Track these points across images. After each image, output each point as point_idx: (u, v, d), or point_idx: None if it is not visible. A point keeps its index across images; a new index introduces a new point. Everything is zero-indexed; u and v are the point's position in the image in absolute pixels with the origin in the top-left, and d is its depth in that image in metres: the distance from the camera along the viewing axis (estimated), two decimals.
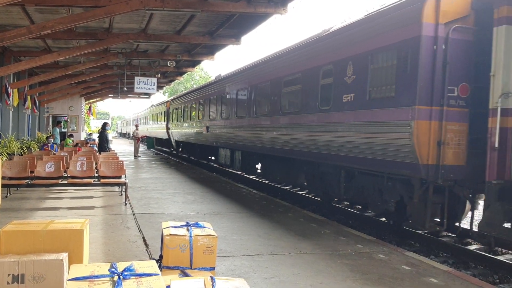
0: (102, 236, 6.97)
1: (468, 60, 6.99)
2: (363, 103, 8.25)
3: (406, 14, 7.27)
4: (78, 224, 4.32)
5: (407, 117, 7.07)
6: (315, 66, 9.99)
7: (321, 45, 9.91)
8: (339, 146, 9.01)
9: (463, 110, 7.03)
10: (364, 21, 8.51)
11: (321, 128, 9.71)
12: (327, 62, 9.51)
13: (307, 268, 5.61)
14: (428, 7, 6.82)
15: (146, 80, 19.54)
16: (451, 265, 7.26)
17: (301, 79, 10.70)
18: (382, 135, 7.69)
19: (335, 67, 9.21)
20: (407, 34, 7.15)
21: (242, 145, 15.12)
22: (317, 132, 9.88)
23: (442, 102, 6.88)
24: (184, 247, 4.16)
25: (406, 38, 7.18)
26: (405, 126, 7.10)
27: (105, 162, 11.30)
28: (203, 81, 66.17)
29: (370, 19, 8.34)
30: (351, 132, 8.60)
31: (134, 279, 2.91)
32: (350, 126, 8.64)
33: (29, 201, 10.05)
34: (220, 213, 9.19)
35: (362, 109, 8.25)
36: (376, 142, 7.83)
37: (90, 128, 55.21)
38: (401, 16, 7.39)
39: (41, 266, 3.66)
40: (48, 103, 31.31)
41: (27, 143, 18.98)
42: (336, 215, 10.72)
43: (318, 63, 9.90)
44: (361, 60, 8.32)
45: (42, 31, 11.18)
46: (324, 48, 9.76)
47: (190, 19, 13.42)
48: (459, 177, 7.04)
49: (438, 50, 6.84)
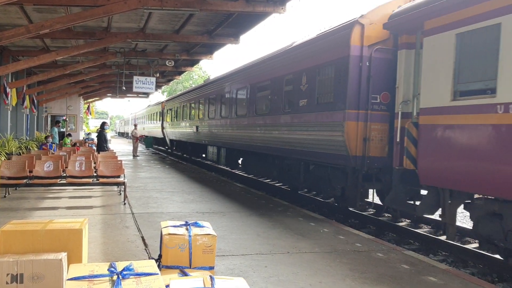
0: (101, 235, 6.96)
1: (388, 74, 8.66)
2: (313, 107, 10.14)
3: (340, 37, 9.10)
4: (77, 223, 4.32)
5: (341, 118, 8.91)
6: (280, 75, 11.91)
7: (285, 58, 11.76)
8: (298, 142, 10.82)
9: (385, 113, 8.77)
10: (313, 40, 10.35)
11: (285, 128, 11.53)
12: (289, 72, 11.38)
13: (306, 267, 5.61)
14: (355, 32, 8.64)
15: (144, 80, 19.53)
16: (450, 264, 7.28)
17: (270, 86, 12.59)
18: (326, 133, 9.50)
19: (294, 77, 11.09)
20: (340, 53, 8.99)
21: (226, 143, 17.00)
22: (282, 131, 11.71)
23: (367, 107, 8.65)
24: (183, 247, 4.16)
25: (340, 56, 9.02)
26: (340, 126, 8.92)
27: (104, 161, 11.30)
28: (202, 81, 66.16)
29: (317, 39, 10.17)
30: (305, 131, 10.42)
31: (133, 278, 2.91)
32: (305, 126, 10.47)
33: (27, 201, 10.04)
34: (219, 212, 9.19)
35: (312, 112, 10.13)
36: (323, 139, 9.64)
37: (88, 128, 55.17)
38: (336, 39, 9.25)
39: (40, 265, 3.66)
40: (46, 103, 31.28)
41: (26, 142, 18.96)
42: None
43: (282, 73, 11.80)
44: (312, 72, 10.21)
45: (40, 30, 11.17)
46: (286, 61, 11.62)
47: (188, 18, 13.41)
48: (382, 166, 8.79)
49: (363, 66, 8.66)
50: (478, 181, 6.26)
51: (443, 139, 6.89)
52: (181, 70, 24.77)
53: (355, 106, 8.68)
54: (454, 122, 6.69)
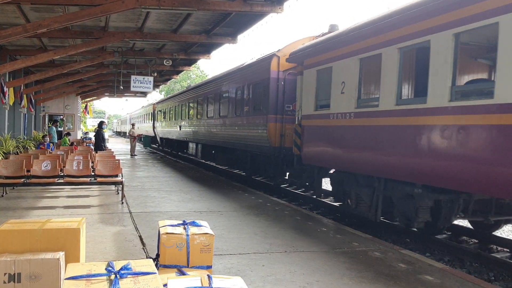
0: (99, 235, 6.96)
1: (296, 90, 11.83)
2: (251, 112, 14.15)
3: (264, 65, 13.22)
4: (74, 223, 4.32)
5: (265, 121, 12.82)
6: (235, 87, 15.97)
7: (237, 75, 15.98)
8: (244, 138, 14.70)
9: (294, 117, 11.93)
10: (250, 64, 14.83)
11: (236, 127, 15.49)
12: (239, 85, 15.45)
13: (303, 266, 5.63)
14: (273, 62, 12.65)
15: (142, 79, 19.51)
16: (446, 263, 7.30)
17: (228, 94, 16.78)
18: (258, 131, 13.37)
19: (241, 89, 15.23)
20: (265, 75, 13.01)
21: (201, 139, 20.99)
22: (235, 129, 15.65)
23: (282, 113, 12.55)
24: (181, 246, 4.17)
25: (264, 78, 13.03)
26: (265, 126, 12.82)
27: (102, 161, 11.29)
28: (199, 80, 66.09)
29: (252, 64, 14.60)
30: (247, 129, 14.40)
31: (131, 277, 2.91)
32: (247, 126, 14.43)
33: (25, 200, 10.04)
34: (217, 211, 9.20)
35: (251, 116, 14.14)
36: (257, 135, 13.43)
37: (86, 127, 55.03)
38: (262, 66, 13.41)
39: (38, 265, 3.66)
40: (44, 102, 31.19)
41: (23, 142, 18.93)
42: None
43: (236, 85, 15.85)
44: (249, 87, 14.43)
45: (37, 29, 11.14)
46: (238, 77, 15.80)
47: (186, 17, 13.40)
48: (292, 153, 11.96)
49: (280, 85, 12.60)
50: (330, 160, 9.84)
51: (311, 134, 10.54)
52: (179, 70, 24.72)
53: (274, 112, 12.59)
54: (315, 124, 10.34)
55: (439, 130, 6.62)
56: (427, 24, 6.88)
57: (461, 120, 6.25)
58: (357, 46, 8.70)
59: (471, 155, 6.09)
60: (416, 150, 7.04)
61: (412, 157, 7.15)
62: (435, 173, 6.69)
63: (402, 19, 7.41)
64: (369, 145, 8.26)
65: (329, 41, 9.84)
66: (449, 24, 6.47)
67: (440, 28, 6.63)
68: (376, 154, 8.04)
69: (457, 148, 6.30)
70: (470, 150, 6.10)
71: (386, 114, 7.80)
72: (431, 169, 6.76)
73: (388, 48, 7.76)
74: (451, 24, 6.42)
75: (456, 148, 6.30)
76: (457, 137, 6.29)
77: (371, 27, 8.23)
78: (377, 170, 8.14)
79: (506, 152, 5.56)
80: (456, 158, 6.32)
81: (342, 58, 9.24)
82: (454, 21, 6.37)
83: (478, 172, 5.98)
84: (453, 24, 6.39)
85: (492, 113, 5.78)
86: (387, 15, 7.93)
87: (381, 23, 7.96)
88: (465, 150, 6.17)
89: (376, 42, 8.13)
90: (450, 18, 6.44)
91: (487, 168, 5.84)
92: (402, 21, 7.41)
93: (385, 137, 7.82)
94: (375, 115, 8.12)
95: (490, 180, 5.82)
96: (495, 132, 5.77)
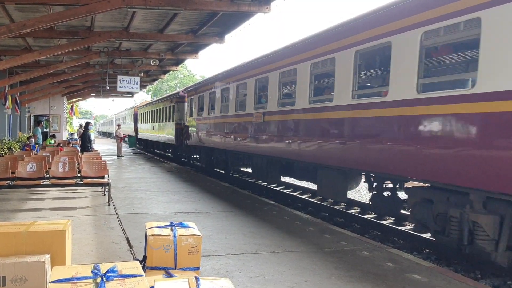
0: (85, 237, 6.90)
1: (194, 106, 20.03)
2: (170, 120, 25.11)
3: (178, 95, 24.36)
4: (60, 225, 4.27)
5: (174, 126, 23.72)
6: (162, 106, 28.20)
7: (162, 100, 28.63)
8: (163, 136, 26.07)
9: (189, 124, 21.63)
10: (163, 98, 28.14)
11: (162, 129, 25.64)
12: (164, 106, 27.26)
13: (292, 266, 5.63)
14: (182, 93, 24.15)
15: (129, 79, 19.39)
16: (433, 261, 7.36)
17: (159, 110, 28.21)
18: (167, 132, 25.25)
19: (165, 108, 26.89)
20: (179, 100, 23.83)
21: (151, 139, 31.70)
22: (163, 130, 26.29)
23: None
24: (168, 248, 4.14)
25: (179, 101, 23.82)
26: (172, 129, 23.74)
27: (88, 162, 11.17)
28: (187, 80, 65.84)
29: (164, 98, 28.21)
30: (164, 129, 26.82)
31: (118, 280, 2.89)
32: (170, 127, 24.43)
33: (10, 203, 9.90)
34: (205, 212, 9.17)
35: (169, 122, 24.92)
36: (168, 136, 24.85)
37: (72, 128, 54.52)
38: (175, 95, 24.85)
39: (23, 268, 3.62)
40: (29, 103, 30.86)
41: (8, 143, 18.70)
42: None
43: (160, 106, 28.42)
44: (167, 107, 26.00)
45: (22, 29, 11.02)
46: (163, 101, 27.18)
47: (173, 17, 13.35)
48: (196, 144, 19.59)
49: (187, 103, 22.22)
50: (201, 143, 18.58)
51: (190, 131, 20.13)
52: (166, 70, 24.65)
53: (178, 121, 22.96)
54: (195, 123, 18.22)
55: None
56: (333, 46, 9.00)
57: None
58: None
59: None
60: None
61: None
62: None
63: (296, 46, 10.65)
64: None
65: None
66: (353, 44, 8.38)
67: (344, 47, 8.60)
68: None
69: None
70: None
71: None
72: None
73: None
74: (354, 44, 8.33)
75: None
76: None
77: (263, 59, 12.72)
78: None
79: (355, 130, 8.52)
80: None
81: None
82: (355, 42, 8.33)
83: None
84: (355, 44, 8.31)
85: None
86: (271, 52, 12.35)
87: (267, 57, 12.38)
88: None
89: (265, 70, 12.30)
90: (353, 40, 8.41)
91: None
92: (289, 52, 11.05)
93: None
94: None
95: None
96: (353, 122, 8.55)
